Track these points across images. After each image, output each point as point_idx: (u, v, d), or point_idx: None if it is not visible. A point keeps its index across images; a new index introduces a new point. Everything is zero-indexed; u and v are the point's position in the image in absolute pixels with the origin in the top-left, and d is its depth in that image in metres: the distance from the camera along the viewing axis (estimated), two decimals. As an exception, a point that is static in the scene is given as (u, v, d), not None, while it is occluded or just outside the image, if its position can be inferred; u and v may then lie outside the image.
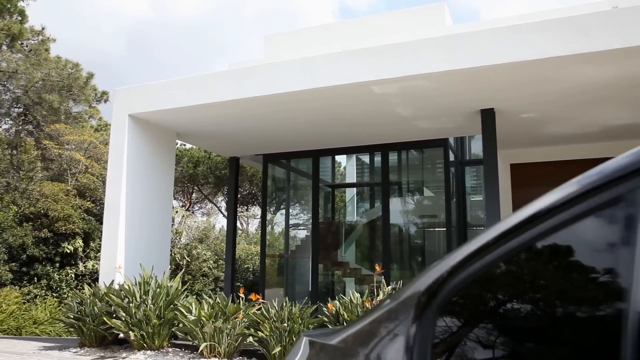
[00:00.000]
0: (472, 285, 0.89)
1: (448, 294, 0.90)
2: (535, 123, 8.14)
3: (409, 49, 6.48)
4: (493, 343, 0.83)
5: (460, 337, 0.87)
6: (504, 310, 0.85)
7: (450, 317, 0.91)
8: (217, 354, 6.41)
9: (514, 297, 0.86)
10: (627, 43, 5.46)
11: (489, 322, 0.85)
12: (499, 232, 0.91)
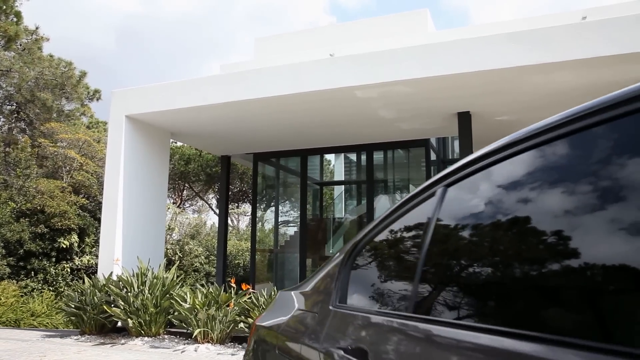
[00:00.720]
0: (368, 246, 1.49)
1: (359, 249, 1.51)
2: (510, 125, 8.76)
3: (388, 57, 7.08)
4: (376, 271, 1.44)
5: (361, 269, 1.48)
6: (381, 256, 1.45)
7: (358, 261, 1.52)
8: (210, 340, 6.98)
9: (386, 252, 1.45)
10: (587, 54, 6.08)
11: (374, 262, 1.45)
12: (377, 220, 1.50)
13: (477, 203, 1.17)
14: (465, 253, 1.14)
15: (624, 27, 6.03)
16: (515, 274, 0.95)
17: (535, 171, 1.00)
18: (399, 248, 1.43)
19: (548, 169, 0.97)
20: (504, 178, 1.09)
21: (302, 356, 1.46)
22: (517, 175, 1.05)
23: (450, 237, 1.22)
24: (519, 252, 0.97)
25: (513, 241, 0.99)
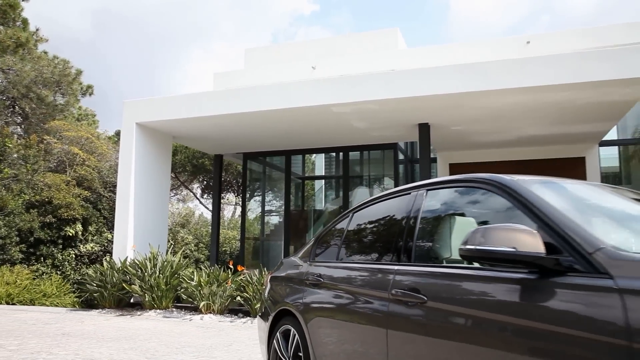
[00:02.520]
0: (324, 235, 3.35)
1: (321, 236, 3.37)
2: (464, 134, 10.66)
3: (361, 80, 8.88)
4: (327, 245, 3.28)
5: (321, 245, 3.32)
6: (328, 238, 3.30)
7: (321, 242, 3.36)
8: (212, 311, 8.79)
9: (329, 236, 3.29)
10: (520, 84, 7.91)
11: (326, 241, 3.29)
12: (329, 224, 3.34)
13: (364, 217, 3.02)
14: (361, 235, 2.99)
15: (541, 65, 7.92)
16: (379, 242, 2.79)
17: (386, 208, 2.84)
18: (335, 234, 3.28)
19: (390, 207, 2.81)
20: (376, 210, 2.94)
21: (296, 281, 3.31)
22: (380, 210, 2.89)
23: (355, 230, 3.07)
24: (380, 234, 2.81)
25: (377, 230, 2.84)
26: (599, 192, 2.39)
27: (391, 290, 2.35)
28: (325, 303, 2.94)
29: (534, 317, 1.64)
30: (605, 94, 8.05)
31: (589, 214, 1.96)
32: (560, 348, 1.53)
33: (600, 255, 1.56)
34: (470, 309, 1.92)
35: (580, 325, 1.49)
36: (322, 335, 2.86)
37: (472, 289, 1.98)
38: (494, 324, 1.79)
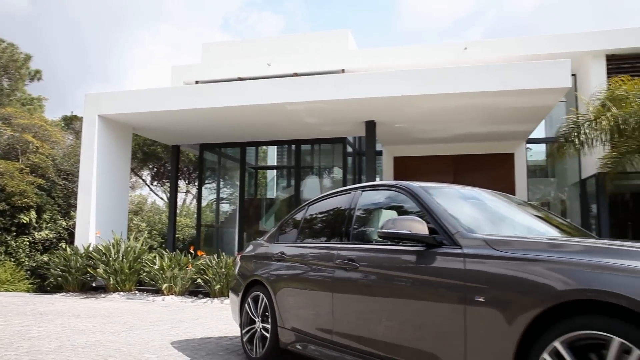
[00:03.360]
0: (285, 221, 4.40)
1: (282, 223, 4.41)
2: (406, 131, 11.89)
3: (313, 82, 9.91)
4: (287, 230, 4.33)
5: (283, 230, 4.37)
6: (288, 224, 4.35)
7: (283, 228, 4.42)
8: (174, 293, 9.67)
9: (290, 223, 4.34)
10: (455, 90, 9.14)
11: (287, 227, 4.35)
12: (288, 214, 4.39)
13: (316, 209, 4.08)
14: (314, 222, 4.05)
15: (474, 74, 9.20)
16: (327, 227, 3.85)
17: (332, 203, 3.91)
18: (294, 221, 4.33)
19: (336, 202, 3.88)
20: (325, 204, 4.01)
21: (264, 257, 4.33)
22: (328, 204, 3.96)
23: (309, 218, 4.13)
24: (328, 221, 3.87)
25: (326, 219, 3.90)
26: (472, 194, 3.55)
27: (335, 260, 3.43)
28: (287, 273, 3.98)
29: (423, 272, 2.76)
30: (528, 99, 9.42)
31: (457, 209, 3.08)
32: (436, 287, 2.65)
33: (457, 236, 2.69)
34: (384, 270, 3.03)
35: (446, 274, 2.61)
36: (285, 298, 3.91)
37: (386, 257, 3.08)
38: (400, 278, 2.91)
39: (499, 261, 2.42)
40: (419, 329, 2.75)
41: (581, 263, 2.14)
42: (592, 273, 2.06)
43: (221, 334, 5.68)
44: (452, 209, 3.03)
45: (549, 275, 2.17)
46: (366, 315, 3.14)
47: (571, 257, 2.21)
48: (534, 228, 3.41)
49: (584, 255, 2.22)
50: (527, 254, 2.36)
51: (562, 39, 12.04)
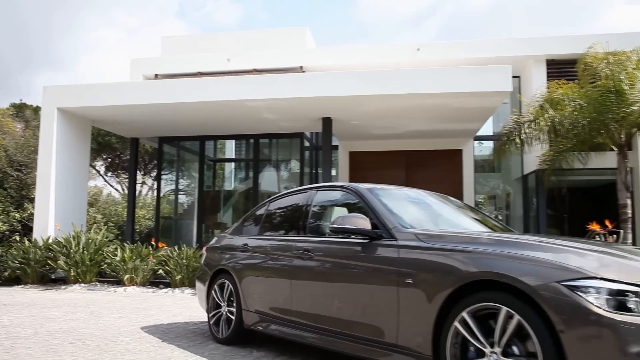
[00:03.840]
0: (250, 217, 4.95)
1: (247, 218, 4.95)
2: (361, 127, 12.56)
3: (272, 80, 10.41)
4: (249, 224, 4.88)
5: (246, 224, 4.92)
6: (250, 220, 4.91)
7: (246, 222, 4.97)
8: (135, 283, 10.03)
9: (253, 218, 4.89)
10: (407, 91, 9.82)
11: (249, 222, 4.90)
12: (252, 210, 4.94)
13: (276, 205, 4.65)
14: (274, 217, 4.62)
15: (424, 76, 9.93)
16: (286, 222, 4.42)
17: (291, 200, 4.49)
18: (256, 216, 4.88)
19: (294, 200, 4.46)
20: (284, 201, 4.58)
21: (229, 248, 4.86)
22: (287, 201, 4.54)
23: (270, 214, 4.69)
24: (287, 217, 4.45)
25: (285, 214, 4.48)
26: (414, 195, 4.21)
27: (294, 251, 4.01)
28: (251, 262, 4.54)
29: (366, 260, 3.38)
30: (474, 101, 10.23)
31: (398, 208, 3.71)
32: (377, 273, 3.27)
33: (394, 230, 3.32)
34: (335, 259, 3.65)
35: (384, 262, 3.24)
36: (249, 284, 4.47)
37: (337, 248, 3.69)
38: (348, 265, 3.52)
39: (424, 251, 3.06)
40: (364, 306, 3.37)
41: (486, 252, 2.80)
42: (492, 260, 2.73)
43: (187, 320, 6.18)
44: (393, 207, 3.66)
45: (461, 262, 2.83)
46: (320, 297, 3.74)
47: (479, 248, 2.87)
48: (462, 225, 4.09)
49: (489, 246, 2.88)
50: (447, 245, 3.02)
51: (507, 43, 12.97)
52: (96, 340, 4.75)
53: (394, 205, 3.70)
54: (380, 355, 3.20)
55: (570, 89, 10.87)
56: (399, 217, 3.51)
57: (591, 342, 2.29)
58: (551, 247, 2.77)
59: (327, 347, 3.64)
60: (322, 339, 3.66)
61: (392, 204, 3.69)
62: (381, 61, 13.17)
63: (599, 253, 2.71)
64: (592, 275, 2.39)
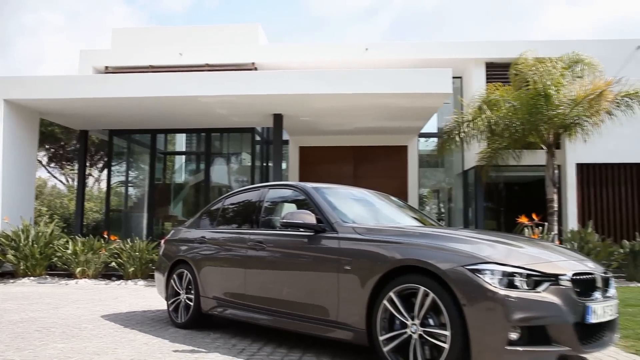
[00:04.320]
0: (206, 212, 5.43)
1: (203, 212, 5.43)
2: (311, 123, 13.13)
3: (224, 77, 10.80)
4: (206, 218, 5.37)
5: (204, 217, 5.40)
6: (208, 214, 5.39)
7: (203, 216, 5.45)
8: (87, 276, 10.25)
9: (210, 213, 5.38)
10: (354, 91, 10.43)
11: (206, 216, 5.38)
12: (208, 205, 5.42)
13: (232, 201, 5.16)
14: (230, 212, 5.12)
15: (370, 77, 10.57)
16: (241, 217, 4.94)
17: (245, 197, 5.00)
18: (212, 211, 5.36)
19: (248, 196, 4.98)
20: (239, 198, 5.09)
21: (187, 241, 5.32)
22: (241, 197, 5.05)
23: (226, 209, 5.20)
24: (241, 212, 4.96)
25: (240, 210, 4.99)
26: (357, 194, 4.81)
27: (247, 242, 4.54)
28: (208, 253, 5.02)
29: (312, 250, 3.94)
30: (417, 101, 10.97)
31: (341, 205, 4.29)
32: (320, 261, 3.84)
33: (335, 224, 3.90)
34: (285, 249, 4.20)
35: (326, 251, 3.81)
36: (206, 273, 4.96)
37: (286, 240, 4.24)
38: (296, 255, 4.08)
39: (360, 242, 3.66)
40: (310, 290, 3.94)
41: (410, 243, 3.42)
42: (414, 249, 3.35)
43: (144, 309, 6.58)
44: (337, 204, 4.24)
45: (390, 251, 3.44)
46: (272, 283, 4.29)
47: (406, 240, 3.49)
48: (397, 220, 4.71)
49: (413, 238, 3.51)
50: (379, 237, 3.62)
51: (450, 46, 13.84)
52: (60, 327, 5.11)
53: (338, 203, 4.28)
54: (325, 332, 3.78)
55: (506, 92, 11.81)
56: (341, 213, 4.10)
57: (486, 312, 2.95)
58: (462, 238, 3.42)
59: (278, 327, 4.20)
60: (273, 320, 4.21)
61: (335, 202, 4.27)
62: (331, 59, 13.77)
63: (498, 243, 3.40)
64: (488, 261, 3.05)
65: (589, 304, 3.12)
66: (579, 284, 3.17)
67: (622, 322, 5.34)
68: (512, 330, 2.91)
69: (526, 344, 2.93)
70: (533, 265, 3.11)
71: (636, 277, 9.77)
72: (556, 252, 3.57)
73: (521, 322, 2.91)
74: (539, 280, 3.04)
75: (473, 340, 2.95)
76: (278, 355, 3.92)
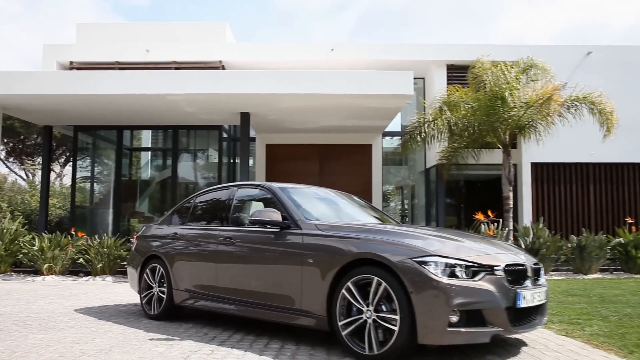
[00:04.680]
0: (178, 209, 5.77)
1: (175, 210, 5.76)
2: (278, 121, 13.48)
3: (192, 75, 11.04)
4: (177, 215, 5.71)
5: (176, 213, 5.74)
6: (179, 211, 5.73)
7: (175, 213, 5.79)
8: (54, 273, 10.37)
9: (182, 209, 5.72)
10: (320, 91, 10.84)
11: (177, 213, 5.72)
12: (179, 203, 5.76)
13: (202, 200, 5.51)
14: (200, 210, 5.47)
15: (335, 78, 11.00)
16: (211, 214, 5.29)
17: (215, 195, 5.37)
18: (184, 209, 5.70)
19: (218, 195, 5.34)
20: (210, 196, 5.45)
21: (160, 237, 5.64)
22: (212, 196, 5.41)
23: (197, 206, 5.55)
24: (212, 210, 5.32)
25: (210, 208, 5.35)
26: (320, 194, 5.24)
27: (218, 238, 4.90)
28: (180, 248, 5.36)
29: (278, 245, 4.35)
30: (380, 101, 11.44)
31: (305, 204, 4.70)
32: (286, 255, 4.25)
33: (299, 222, 4.31)
34: (253, 244, 4.59)
35: (291, 246, 4.22)
36: (178, 267, 5.29)
37: (254, 236, 4.63)
38: (263, 249, 4.48)
39: (322, 238, 4.07)
40: (276, 282, 4.34)
41: (366, 238, 3.86)
42: (370, 244, 3.79)
43: (116, 303, 6.85)
44: (301, 203, 4.64)
45: (348, 245, 3.87)
46: (241, 275, 4.67)
47: (363, 235, 3.93)
48: (357, 218, 5.15)
49: (370, 234, 3.95)
50: (339, 233, 4.05)
51: (413, 47, 14.40)
52: (36, 321, 5.36)
53: (302, 202, 4.69)
54: (290, 320, 4.19)
55: (465, 93, 12.42)
56: (305, 211, 4.51)
57: (430, 298, 3.40)
58: (412, 234, 3.88)
59: (247, 316, 4.58)
60: (243, 310, 4.59)
61: (300, 201, 4.68)
62: (297, 59, 14.14)
63: (443, 239, 3.88)
64: (433, 254, 3.52)
65: (520, 291, 3.62)
66: (512, 273, 3.67)
67: (560, 309, 5.96)
68: (453, 314, 3.37)
69: (465, 326, 3.40)
70: (472, 257, 3.59)
71: (582, 270, 10.53)
72: (494, 246, 4.07)
73: (460, 306, 3.38)
74: (477, 271, 3.53)
75: (419, 323, 3.41)
76: (247, 341, 4.31)
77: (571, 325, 4.97)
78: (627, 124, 12.99)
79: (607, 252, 10.59)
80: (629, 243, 10.53)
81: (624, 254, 10.66)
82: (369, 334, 3.61)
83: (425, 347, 3.70)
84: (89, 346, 4.12)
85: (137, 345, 4.14)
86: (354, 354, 3.68)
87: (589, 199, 13.89)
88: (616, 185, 13.90)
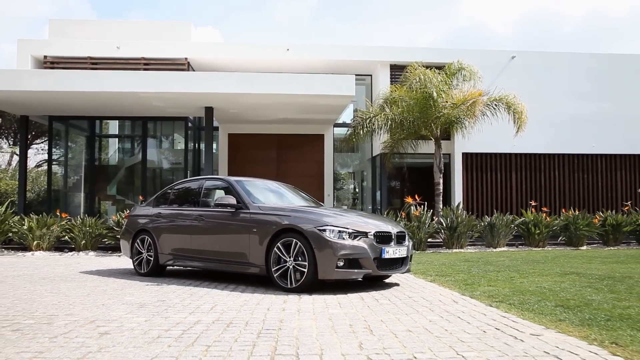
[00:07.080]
0: (162, 195, 8.11)
1: (159, 195, 8.09)
2: (239, 114, 15.76)
3: (161, 76, 13.22)
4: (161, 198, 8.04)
5: (159, 197, 8.07)
6: (162, 197, 8.07)
7: (159, 198, 8.12)
8: (42, 249, 12.52)
9: (166, 196, 8.05)
10: (276, 91, 13.17)
11: (162, 197, 8.06)
12: (161, 191, 8.09)
13: (180, 187, 7.87)
14: (178, 195, 7.83)
15: (289, 80, 13.34)
16: (186, 198, 7.65)
17: (190, 184, 7.73)
18: (166, 194, 8.03)
19: (192, 184, 7.71)
20: (185, 185, 7.81)
21: (147, 216, 7.93)
22: (187, 185, 7.77)
23: (175, 192, 7.91)
24: (187, 195, 7.68)
25: (186, 193, 7.72)
26: (268, 185, 7.68)
27: (192, 216, 7.27)
28: (164, 224, 7.70)
29: (234, 220, 6.76)
30: (328, 100, 13.86)
31: (255, 192, 7.09)
32: (239, 227, 6.67)
33: (248, 205, 6.72)
34: (217, 220, 7.02)
35: (243, 221, 6.64)
36: (163, 237, 7.63)
37: (218, 214, 7.02)
38: (224, 224, 6.91)
39: (263, 215, 6.49)
40: (233, 244, 6.73)
41: (291, 215, 6.30)
42: (294, 218, 6.23)
43: (108, 268, 9.14)
44: (252, 192, 7.04)
45: (278, 219, 6.30)
46: (208, 241, 7.05)
47: (290, 213, 6.36)
48: (294, 203, 7.55)
49: (296, 212, 6.38)
50: (274, 212, 6.47)
51: (361, 49, 16.84)
52: (55, 278, 7.62)
53: (253, 191, 7.09)
54: (243, 269, 6.60)
55: (404, 92, 14.96)
56: (254, 197, 6.91)
57: (325, 251, 5.85)
58: (322, 213, 6.34)
59: (214, 269, 6.99)
60: (210, 265, 6.99)
61: (251, 190, 7.08)
62: (256, 58, 16.43)
63: (340, 215, 6.35)
64: (329, 224, 5.98)
65: (384, 247, 6.13)
66: (379, 237, 6.17)
67: (444, 269, 8.53)
68: (339, 260, 5.85)
69: (347, 268, 5.89)
70: (353, 227, 6.07)
71: (492, 244, 13.27)
72: (376, 220, 6.57)
73: (344, 256, 5.86)
74: (356, 235, 6.01)
75: (319, 267, 5.87)
76: (212, 285, 6.72)
77: (439, 277, 7.53)
78: (544, 120, 15.84)
79: (513, 230, 13.37)
80: (530, 222, 13.32)
81: (525, 231, 13.45)
82: (290, 274, 6.06)
83: (324, 282, 6.19)
84: (108, 287, 6.46)
85: (139, 287, 6.50)
86: (282, 288, 6.13)
87: (510, 184, 16.72)
88: (533, 173, 16.76)
